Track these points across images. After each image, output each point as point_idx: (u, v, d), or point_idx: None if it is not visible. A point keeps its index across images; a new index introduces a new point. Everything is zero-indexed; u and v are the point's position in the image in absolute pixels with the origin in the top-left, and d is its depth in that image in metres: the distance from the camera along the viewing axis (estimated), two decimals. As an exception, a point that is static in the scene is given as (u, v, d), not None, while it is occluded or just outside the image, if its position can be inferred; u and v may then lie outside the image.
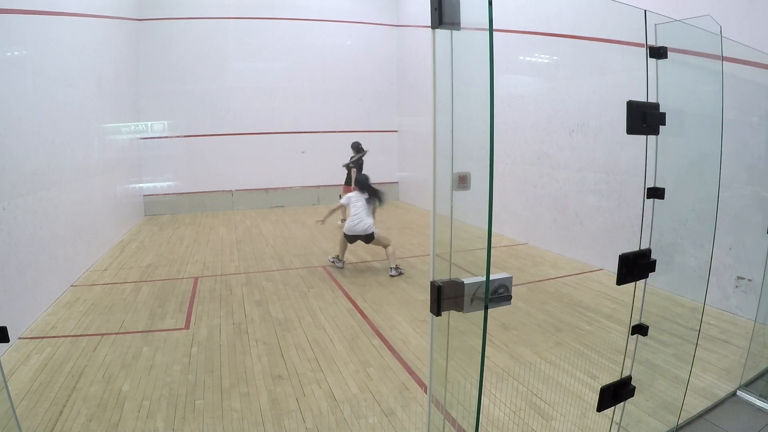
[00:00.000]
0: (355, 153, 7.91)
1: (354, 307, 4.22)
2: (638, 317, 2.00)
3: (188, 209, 9.58)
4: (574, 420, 2.49)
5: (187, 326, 3.82)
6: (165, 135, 9.29)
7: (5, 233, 3.55)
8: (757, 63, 3.14)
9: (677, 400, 2.30)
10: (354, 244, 5.46)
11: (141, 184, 9.06)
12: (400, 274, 5.17)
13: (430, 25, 1.19)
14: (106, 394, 2.76)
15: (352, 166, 7.78)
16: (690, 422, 2.44)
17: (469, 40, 1.21)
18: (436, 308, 1.24)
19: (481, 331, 1.25)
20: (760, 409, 2.57)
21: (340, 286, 4.82)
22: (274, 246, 6.70)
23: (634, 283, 1.89)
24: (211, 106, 9.60)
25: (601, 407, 1.92)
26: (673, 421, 2.33)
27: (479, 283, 1.22)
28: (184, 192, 9.57)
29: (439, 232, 1.32)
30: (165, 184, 9.43)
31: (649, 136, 1.84)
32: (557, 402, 2.65)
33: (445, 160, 1.27)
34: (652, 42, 1.87)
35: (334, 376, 2.99)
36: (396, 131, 11.22)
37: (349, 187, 7.88)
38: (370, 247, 6.53)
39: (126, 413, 2.57)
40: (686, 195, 2.34)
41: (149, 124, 9.19)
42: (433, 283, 1.24)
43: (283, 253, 6.25)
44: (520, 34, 6.24)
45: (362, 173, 6.03)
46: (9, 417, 1.76)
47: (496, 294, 1.23)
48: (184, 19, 9.35)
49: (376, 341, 3.51)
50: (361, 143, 8.06)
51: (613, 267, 1.84)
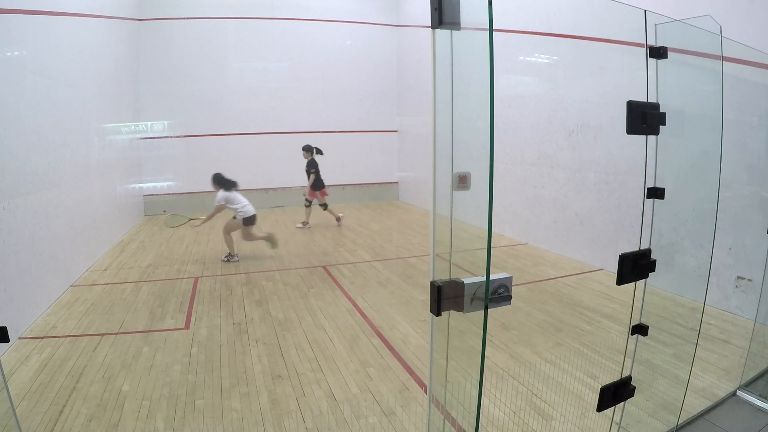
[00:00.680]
0: (309, 155, 7.83)
1: (354, 307, 4.22)
2: (638, 317, 2.00)
3: (188, 209, 9.55)
4: (574, 420, 2.49)
5: (187, 326, 3.82)
6: (165, 135, 9.29)
7: (5, 233, 3.55)
8: (757, 63, 3.14)
9: (677, 400, 2.30)
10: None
11: (141, 184, 9.06)
12: (230, 261, 5.85)
13: (430, 25, 1.19)
14: (106, 394, 2.76)
15: (312, 171, 7.76)
16: (690, 422, 2.44)
17: (469, 40, 1.21)
18: (436, 308, 1.24)
19: (481, 331, 1.25)
20: (760, 409, 2.57)
21: (340, 286, 4.82)
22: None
23: (634, 283, 1.89)
24: (211, 106, 9.60)
25: (601, 407, 1.92)
26: (673, 421, 2.33)
27: (479, 283, 1.22)
28: (184, 192, 9.56)
29: (439, 232, 1.32)
30: (165, 184, 9.42)
31: (649, 136, 1.84)
32: (557, 402, 2.65)
33: (445, 160, 1.27)
34: (652, 42, 1.87)
35: (334, 376, 2.99)
36: (396, 131, 11.22)
37: (314, 191, 7.87)
38: (371, 247, 6.54)
39: (126, 413, 2.57)
40: (686, 195, 2.34)
41: (149, 124, 9.19)
42: (433, 283, 1.24)
43: (283, 253, 6.25)
44: (520, 34, 6.24)
45: (216, 172, 6.14)
46: (9, 417, 1.76)
47: (496, 294, 1.23)
48: (184, 19, 9.35)
49: (376, 341, 3.51)
50: (311, 144, 7.97)
51: (613, 267, 1.84)
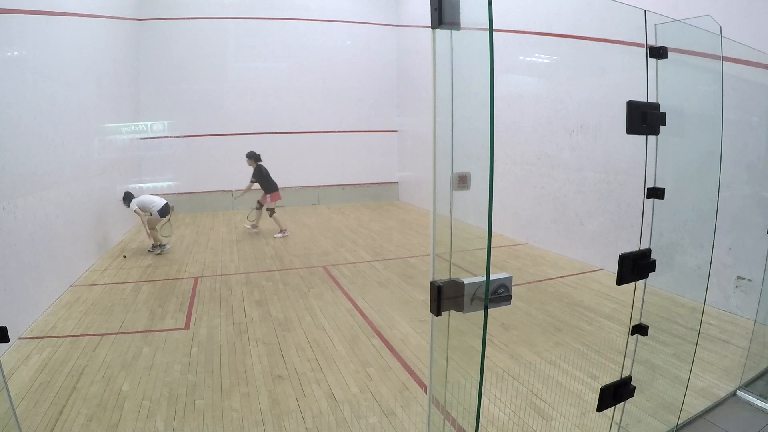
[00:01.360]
0: (254, 162, 7.55)
1: (354, 307, 4.22)
2: (638, 317, 2.00)
3: (188, 209, 9.57)
4: (574, 420, 2.49)
5: (187, 326, 3.82)
6: (165, 135, 9.30)
7: (5, 233, 3.55)
8: (757, 63, 3.14)
9: (677, 400, 2.30)
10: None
11: (141, 184, 9.05)
12: (154, 253, 6.00)
13: (430, 25, 1.19)
14: (106, 394, 2.76)
15: (253, 181, 7.58)
16: (690, 422, 2.44)
17: (469, 40, 1.21)
18: (436, 308, 1.24)
19: (481, 331, 1.25)
20: (760, 409, 2.57)
21: (340, 286, 4.82)
22: (274, 246, 6.70)
23: (634, 283, 1.89)
24: (211, 106, 9.61)
25: (601, 407, 1.92)
26: (673, 421, 2.33)
27: (479, 283, 1.21)
28: (184, 192, 9.57)
29: (439, 232, 1.32)
30: (165, 184, 9.42)
31: (649, 136, 1.84)
32: (557, 402, 2.65)
33: (445, 160, 1.27)
34: (652, 42, 1.87)
35: (334, 376, 2.99)
36: (396, 131, 11.22)
37: (265, 195, 7.67)
38: (371, 247, 6.55)
39: (126, 413, 2.57)
40: (686, 195, 2.34)
41: (149, 124, 9.19)
42: (433, 283, 1.24)
43: (283, 253, 6.25)
44: (520, 34, 6.23)
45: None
46: (9, 417, 1.76)
47: (496, 294, 1.23)
48: (184, 19, 9.36)
49: (376, 341, 3.51)
50: (254, 151, 7.67)
51: (613, 267, 1.84)
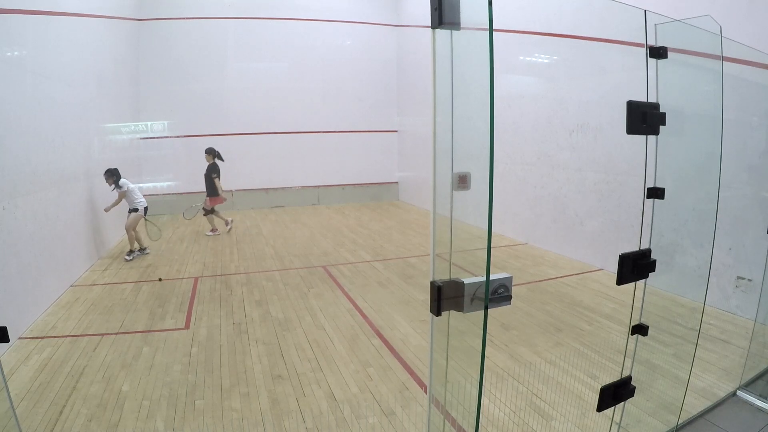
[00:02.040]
0: (212, 158, 7.58)
1: (354, 307, 4.22)
2: (638, 317, 2.00)
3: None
4: (574, 420, 2.49)
5: (187, 326, 3.82)
6: (165, 135, 9.30)
7: (5, 233, 3.55)
8: (757, 63, 3.14)
9: (677, 400, 2.30)
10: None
11: (141, 184, 9.03)
12: (131, 258, 5.90)
13: (430, 25, 1.19)
14: (106, 394, 2.76)
15: (215, 176, 7.58)
16: (690, 422, 2.44)
17: (469, 40, 1.21)
18: (436, 308, 1.24)
19: (481, 331, 1.25)
20: (760, 409, 2.57)
21: (340, 286, 4.82)
22: (274, 246, 6.70)
23: (634, 283, 1.89)
24: (211, 106, 9.60)
25: (601, 407, 1.92)
26: (673, 421, 2.33)
27: (479, 283, 1.21)
28: (184, 192, 9.55)
29: (439, 232, 1.32)
30: (165, 184, 9.42)
31: (649, 136, 1.84)
32: (557, 402, 2.65)
33: (445, 160, 1.27)
34: (652, 42, 1.87)
35: (334, 376, 2.99)
36: (396, 131, 11.22)
37: (215, 197, 7.60)
38: (371, 247, 6.54)
39: (126, 413, 2.57)
40: (686, 195, 2.34)
41: (149, 124, 9.19)
42: (433, 283, 1.24)
43: (283, 253, 6.25)
44: (520, 34, 6.23)
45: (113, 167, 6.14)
46: (9, 417, 1.76)
47: (496, 294, 1.23)
48: (184, 19, 9.36)
49: (376, 341, 3.51)
50: (214, 148, 7.69)
51: (613, 267, 1.84)
